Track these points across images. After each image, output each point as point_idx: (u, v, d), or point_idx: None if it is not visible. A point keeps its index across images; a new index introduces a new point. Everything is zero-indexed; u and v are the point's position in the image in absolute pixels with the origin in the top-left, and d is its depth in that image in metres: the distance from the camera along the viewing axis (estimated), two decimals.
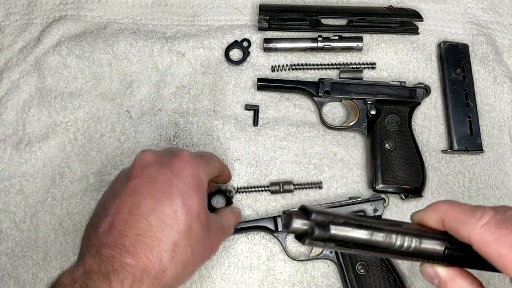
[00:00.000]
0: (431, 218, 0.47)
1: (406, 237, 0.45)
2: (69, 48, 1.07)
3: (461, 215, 0.44)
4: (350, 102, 1.02)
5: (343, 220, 0.45)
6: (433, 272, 0.47)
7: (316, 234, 0.44)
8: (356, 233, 0.45)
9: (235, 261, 0.95)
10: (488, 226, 0.42)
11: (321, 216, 0.44)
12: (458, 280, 0.46)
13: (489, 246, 0.41)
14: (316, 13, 1.06)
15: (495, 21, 1.11)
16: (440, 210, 0.46)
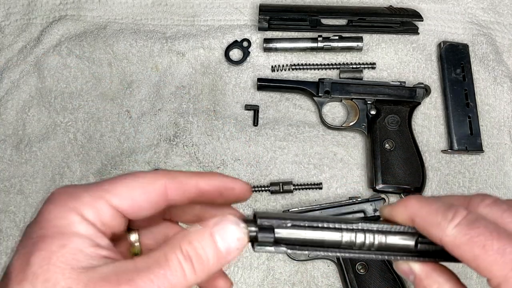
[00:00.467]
0: (401, 215, 0.45)
1: (368, 235, 0.44)
2: (69, 48, 1.07)
3: (432, 216, 0.42)
4: (350, 102, 1.02)
5: (291, 223, 0.44)
6: (407, 269, 0.46)
7: (259, 239, 0.43)
8: (305, 235, 0.44)
9: (235, 261, 0.95)
10: (460, 227, 0.40)
11: (267, 221, 0.43)
12: (434, 276, 0.45)
13: (462, 248, 0.39)
14: (316, 13, 1.06)
15: (495, 21, 1.11)
16: (410, 208, 0.44)
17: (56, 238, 0.40)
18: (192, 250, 0.40)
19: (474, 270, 0.39)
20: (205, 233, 0.41)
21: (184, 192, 0.46)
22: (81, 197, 0.43)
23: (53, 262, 0.39)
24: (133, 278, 0.38)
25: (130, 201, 0.44)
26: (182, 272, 0.40)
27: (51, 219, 0.42)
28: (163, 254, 0.40)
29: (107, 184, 0.44)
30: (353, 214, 0.94)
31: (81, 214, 0.42)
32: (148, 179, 0.45)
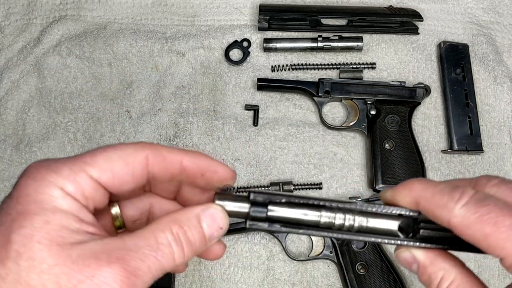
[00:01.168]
0: (404, 198, 0.42)
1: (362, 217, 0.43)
2: (69, 48, 1.07)
3: (437, 197, 0.39)
4: (350, 102, 1.02)
5: (285, 199, 0.43)
6: (410, 257, 0.43)
7: (252, 214, 0.43)
8: (299, 213, 0.43)
9: (235, 261, 0.95)
10: (468, 206, 0.38)
11: (261, 197, 0.43)
12: (439, 263, 0.42)
13: (471, 227, 0.37)
14: (316, 13, 1.06)
15: (495, 21, 1.11)
16: (414, 190, 0.42)
17: (38, 214, 0.38)
18: (182, 234, 0.41)
19: (485, 250, 0.38)
20: (194, 219, 0.42)
21: (166, 168, 0.44)
22: (61, 171, 0.40)
23: (37, 239, 0.37)
24: (123, 257, 0.38)
25: (110, 174, 0.41)
26: (172, 254, 0.40)
27: (30, 194, 0.39)
28: (152, 235, 0.40)
29: (86, 156, 0.42)
30: None
31: (61, 188, 0.40)
32: (129, 151, 0.42)
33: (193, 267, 0.95)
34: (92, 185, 0.41)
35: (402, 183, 0.43)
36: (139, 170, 0.43)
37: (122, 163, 0.42)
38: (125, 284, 0.37)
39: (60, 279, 0.36)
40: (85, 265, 0.37)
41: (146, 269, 0.38)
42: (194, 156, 0.45)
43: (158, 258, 0.39)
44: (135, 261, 0.38)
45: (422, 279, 0.43)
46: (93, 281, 0.36)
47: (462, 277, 0.41)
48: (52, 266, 0.36)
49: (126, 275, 0.37)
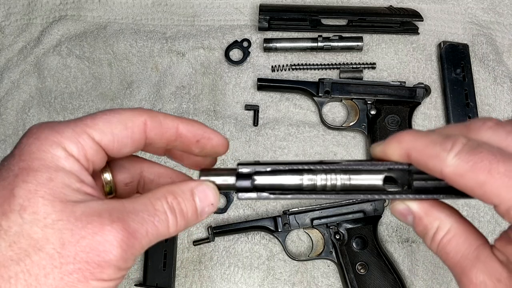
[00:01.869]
0: (394, 151, 0.42)
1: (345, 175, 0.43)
2: (69, 48, 1.07)
3: (429, 148, 0.39)
4: (350, 102, 1.02)
5: (270, 168, 0.44)
6: (404, 209, 0.43)
7: (237, 185, 0.44)
8: (287, 180, 0.44)
9: (235, 261, 0.95)
10: (461, 155, 0.37)
11: (247, 167, 0.45)
12: (434, 213, 0.42)
13: (465, 176, 0.36)
14: (316, 13, 1.06)
15: (495, 21, 1.11)
16: (405, 142, 0.41)
17: (42, 171, 0.39)
18: (176, 204, 0.43)
19: (480, 199, 0.37)
20: (188, 192, 0.44)
21: (163, 133, 0.45)
22: (64, 131, 0.41)
23: (41, 194, 0.38)
24: (124, 218, 0.39)
25: (111, 137, 0.43)
26: (167, 221, 0.42)
27: (34, 152, 0.40)
28: (149, 202, 0.42)
29: (87, 119, 0.42)
30: (353, 214, 0.94)
31: (64, 148, 0.40)
32: (128, 115, 0.44)
33: (193, 267, 0.95)
34: (94, 147, 0.42)
35: (391, 136, 0.42)
36: (137, 134, 0.44)
37: (121, 127, 0.43)
38: (125, 243, 0.38)
39: (63, 234, 0.37)
40: (88, 222, 0.38)
41: (144, 232, 0.40)
42: (189, 123, 0.46)
43: (155, 223, 0.41)
44: (135, 224, 0.39)
45: (418, 230, 0.43)
46: (94, 238, 0.37)
47: (457, 226, 0.41)
48: (56, 221, 0.37)
49: (126, 235, 0.38)
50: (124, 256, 0.38)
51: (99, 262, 0.37)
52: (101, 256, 0.37)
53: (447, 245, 0.41)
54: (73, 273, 0.37)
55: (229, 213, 0.98)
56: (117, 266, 0.38)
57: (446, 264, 0.41)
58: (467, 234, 0.40)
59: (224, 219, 0.98)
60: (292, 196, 0.44)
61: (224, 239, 0.97)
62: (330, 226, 0.93)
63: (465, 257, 0.39)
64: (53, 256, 0.37)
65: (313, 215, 0.94)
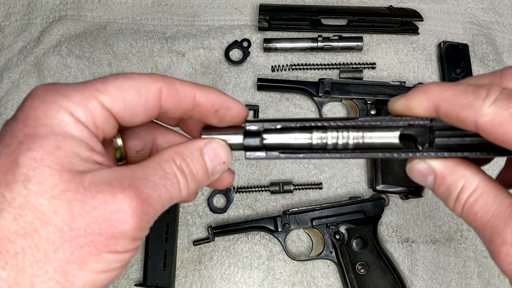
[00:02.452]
0: (420, 103, 0.38)
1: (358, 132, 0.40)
2: (69, 48, 1.07)
3: (461, 97, 0.35)
4: (350, 102, 1.02)
5: (280, 125, 0.41)
6: (425, 168, 0.39)
7: (245, 144, 0.42)
8: (298, 138, 0.41)
9: (235, 261, 0.95)
10: (498, 103, 0.33)
11: (255, 125, 0.42)
12: (460, 171, 0.38)
13: (504, 125, 0.33)
14: (316, 13, 1.06)
15: (495, 21, 1.11)
16: (432, 93, 0.37)
17: (49, 139, 0.36)
18: (185, 165, 0.40)
19: None
20: (196, 152, 0.41)
21: (179, 102, 0.42)
22: (72, 96, 0.37)
23: (48, 163, 0.35)
24: (136, 185, 0.37)
25: (122, 104, 0.39)
26: (178, 184, 0.40)
27: (40, 117, 0.36)
28: (158, 166, 0.39)
29: (97, 83, 0.39)
30: (353, 214, 0.93)
31: (72, 114, 0.37)
32: (142, 81, 0.40)
33: (193, 267, 0.95)
34: (104, 114, 0.39)
35: (415, 88, 0.39)
36: (151, 102, 0.40)
37: (134, 93, 0.40)
38: (139, 210, 0.36)
39: (73, 206, 0.35)
40: (98, 191, 0.35)
41: (158, 197, 0.38)
42: (208, 91, 0.43)
43: (167, 187, 0.39)
44: (147, 189, 0.37)
45: (440, 191, 0.40)
46: (106, 207, 0.35)
47: (485, 184, 0.38)
48: (64, 192, 0.35)
49: (140, 202, 0.36)
50: (140, 225, 0.36)
51: (113, 233, 0.35)
52: (114, 227, 0.35)
53: (474, 204, 0.37)
54: (84, 247, 0.34)
55: (229, 213, 0.98)
56: (132, 236, 0.36)
57: (473, 226, 0.38)
58: (496, 192, 0.37)
59: (224, 219, 0.98)
60: (303, 155, 0.41)
61: (224, 239, 0.97)
62: (330, 226, 0.93)
63: (496, 216, 0.36)
64: (63, 229, 0.34)
65: (313, 215, 0.94)
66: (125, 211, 0.35)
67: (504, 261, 0.35)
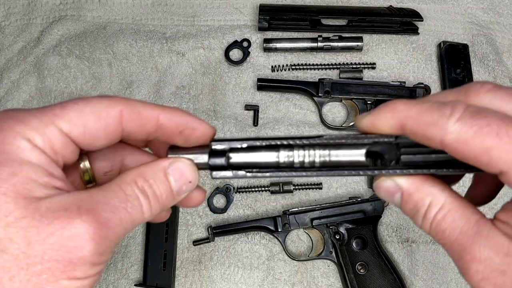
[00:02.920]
0: (387, 122, 0.38)
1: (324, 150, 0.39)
2: (69, 48, 1.07)
3: (427, 115, 0.35)
4: (350, 102, 1.02)
5: (246, 144, 0.41)
6: (392, 186, 0.39)
7: (211, 163, 0.41)
8: (264, 157, 0.41)
9: (235, 261, 0.95)
10: (463, 120, 0.33)
11: (221, 144, 0.42)
12: (426, 188, 0.38)
13: (469, 143, 0.33)
14: (316, 13, 1.06)
15: (495, 21, 1.11)
16: (398, 111, 0.37)
17: (4, 165, 0.35)
18: (148, 187, 0.40)
19: (484, 168, 0.34)
20: (160, 172, 0.41)
21: (142, 124, 0.41)
22: (29, 122, 0.37)
23: (3, 191, 0.34)
24: (94, 209, 0.36)
25: (82, 129, 0.39)
26: (140, 206, 0.39)
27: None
28: (119, 188, 0.38)
29: (56, 108, 0.39)
30: (353, 214, 0.94)
31: (29, 140, 0.37)
32: (103, 105, 0.39)
33: (193, 267, 0.95)
34: (62, 140, 0.38)
35: (381, 106, 0.39)
36: (112, 126, 0.40)
37: (94, 118, 0.39)
38: (98, 235, 0.35)
39: (28, 232, 0.34)
40: (55, 217, 0.35)
41: (118, 220, 0.37)
42: (171, 112, 0.42)
43: (128, 209, 0.38)
44: (106, 213, 0.36)
45: (407, 209, 0.39)
46: (63, 233, 0.34)
47: (452, 200, 0.37)
48: (19, 219, 0.34)
49: (98, 227, 0.35)
50: (99, 250, 0.35)
51: (71, 259, 0.34)
52: (72, 253, 0.34)
53: (442, 221, 0.37)
54: (41, 274, 0.34)
55: (229, 213, 0.98)
56: (91, 262, 0.35)
57: (441, 243, 0.38)
58: (463, 208, 0.37)
59: (224, 219, 0.98)
60: (270, 173, 0.41)
61: (224, 239, 0.97)
62: (330, 226, 0.93)
63: (464, 233, 0.36)
64: (18, 257, 0.34)
65: (313, 215, 0.94)
66: (82, 236, 0.35)
67: (474, 278, 0.35)
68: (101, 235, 0.35)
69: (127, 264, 0.96)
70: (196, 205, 0.47)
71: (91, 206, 0.36)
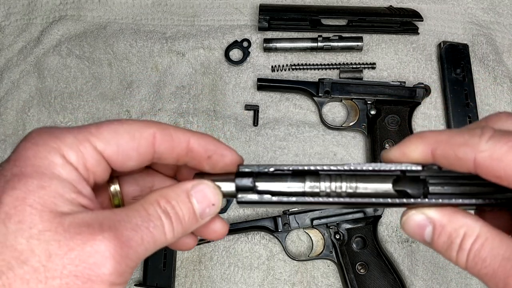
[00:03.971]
0: (416, 148, 0.38)
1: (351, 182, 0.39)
2: (69, 48, 1.07)
3: (458, 137, 0.35)
4: (350, 102, 1.02)
5: (273, 168, 0.41)
6: (422, 220, 0.38)
7: (238, 184, 0.41)
8: (290, 186, 0.41)
9: (235, 261, 0.95)
10: (495, 138, 0.34)
11: (248, 167, 0.42)
12: (459, 219, 0.37)
13: (504, 159, 0.33)
14: (316, 13, 1.06)
15: (495, 21, 1.11)
16: (428, 137, 0.37)
17: (35, 178, 0.36)
18: (170, 208, 0.39)
19: None
20: (183, 194, 0.40)
21: (173, 147, 0.42)
22: (64, 138, 0.38)
23: (29, 203, 0.35)
24: (116, 226, 0.36)
25: (116, 148, 0.40)
26: (162, 227, 0.38)
27: (30, 157, 0.37)
28: (142, 208, 0.38)
29: (91, 127, 0.40)
30: (353, 214, 0.93)
31: (63, 156, 0.38)
32: (136, 127, 0.41)
33: (193, 267, 0.95)
34: (96, 157, 0.39)
35: (409, 136, 0.39)
36: (145, 146, 0.41)
37: (128, 137, 0.40)
38: (118, 254, 0.35)
39: (50, 246, 0.34)
40: (77, 232, 0.35)
41: (139, 240, 0.37)
42: (201, 138, 0.43)
43: (150, 229, 0.37)
44: (128, 231, 0.36)
45: (440, 242, 0.38)
46: (84, 249, 0.34)
47: (488, 229, 0.36)
48: (43, 232, 0.34)
49: (119, 245, 0.35)
50: (118, 269, 0.35)
51: (90, 276, 0.34)
52: (91, 269, 0.34)
53: (480, 250, 0.36)
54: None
55: (229, 213, 0.98)
56: (111, 281, 0.35)
57: (481, 274, 0.36)
58: (500, 236, 0.36)
59: (224, 219, 0.98)
60: (296, 199, 0.41)
61: (224, 239, 0.97)
62: (330, 226, 0.93)
63: (507, 259, 0.34)
64: (38, 269, 0.34)
65: (313, 215, 0.94)
66: (103, 253, 0.34)
67: None
68: (122, 253, 0.35)
69: None
70: (218, 237, 0.47)
71: (113, 224, 0.36)
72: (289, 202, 0.41)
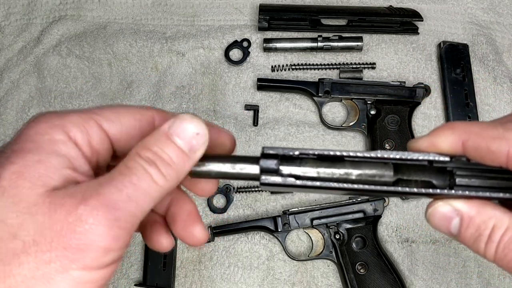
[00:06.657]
0: (447, 139, 0.37)
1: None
2: (69, 48, 1.07)
3: (491, 130, 0.34)
4: (350, 102, 1.02)
5: (298, 151, 0.40)
6: (449, 211, 0.37)
7: (262, 165, 0.40)
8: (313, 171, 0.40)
9: (235, 261, 0.95)
10: None
11: (273, 150, 0.41)
12: (488, 210, 0.36)
13: None
14: (316, 13, 1.06)
15: (495, 21, 1.11)
16: (459, 128, 0.36)
17: (33, 153, 0.36)
18: (152, 155, 0.38)
19: None
20: (162, 137, 0.39)
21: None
22: (69, 116, 0.39)
23: (25, 176, 0.35)
24: (98, 192, 0.35)
25: (119, 126, 0.40)
26: (149, 176, 0.37)
27: (31, 134, 0.38)
28: (123, 165, 0.38)
29: (95, 109, 0.41)
30: (353, 214, 0.94)
31: (67, 132, 0.38)
32: (137, 109, 0.43)
33: (193, 267, 0.95)
34: (100, 136, 0.40)
35: (438, 127, 0.38)
36: (146, 126, 0.42)
37: (130, 117, 0.41)
38: (105, 218, 0.34)
39: (38, 220, 0.34)
40: (61, 204, 0.35)
41: (126, 198, 0.35)
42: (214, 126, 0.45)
43: (134, 182, 0.36)
44: (112, 194, 0.35)
45: (468, 234, 0.37)
46: (67, 220, 0.34)
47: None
48: (32, 206, 0.35)
49: (104, 209, 0.34)
50: (110, 233, 0.34)
51: (78, 246, 0.34)
52: (79, 239, 0.34)
53: (511, 243, 0.35)
54: (50, 263, 0.33)
55: (229, 213, 0.98)
56: (104, 247, 0.34)
57: (510, 267, 0.36)
58: None
59: (224, 219, 0.98)
60: (320, 183, 0.39)
61: (224, 239, 0.97)
62: (330, 226, 0.93)
63: None
64: (28, 243, 0.34)
65: (313, 215, 0.94)
66: (87, 221, 0.34)
67: None
68: (109, 217, 0.34)
69: (127, 264, 0.96)
70: (196, 243, 0.46)
71: (96, 189, 0.35)
72: (313, 187, 0.40)
